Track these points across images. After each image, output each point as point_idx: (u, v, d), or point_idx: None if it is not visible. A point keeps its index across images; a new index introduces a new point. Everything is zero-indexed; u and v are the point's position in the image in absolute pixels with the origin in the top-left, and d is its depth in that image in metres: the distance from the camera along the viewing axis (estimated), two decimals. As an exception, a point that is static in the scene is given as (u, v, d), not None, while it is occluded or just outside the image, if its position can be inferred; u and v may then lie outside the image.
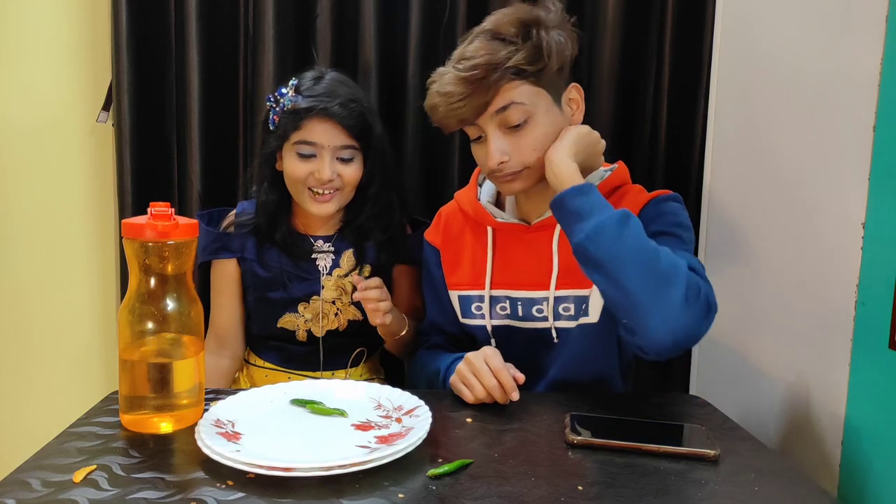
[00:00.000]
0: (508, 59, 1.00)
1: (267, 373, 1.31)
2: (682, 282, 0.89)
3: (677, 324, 0.88)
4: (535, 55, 1.01)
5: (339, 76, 1.24)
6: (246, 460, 0.73)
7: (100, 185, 1.66)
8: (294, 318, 1.27)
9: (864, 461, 0.96)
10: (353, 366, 1.31)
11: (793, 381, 1.14)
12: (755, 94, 1.29)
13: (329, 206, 1.21)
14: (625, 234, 0.91)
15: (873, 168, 0.95)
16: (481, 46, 1.02)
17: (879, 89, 0.94)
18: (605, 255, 0.91)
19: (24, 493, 0.70)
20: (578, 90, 1.10)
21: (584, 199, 0.95)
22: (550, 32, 1.03)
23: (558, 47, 1.03)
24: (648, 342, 0.90)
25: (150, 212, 0.85)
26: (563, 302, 1.11)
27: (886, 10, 0.92)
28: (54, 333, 1.69)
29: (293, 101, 1.17)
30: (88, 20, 1.60)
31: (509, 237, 1.16)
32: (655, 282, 0.89)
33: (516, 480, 0.76)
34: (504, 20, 1.04)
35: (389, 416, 0.91)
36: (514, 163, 1.05)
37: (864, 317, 0.96)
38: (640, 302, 0.89)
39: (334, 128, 1.17)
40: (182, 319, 0.88)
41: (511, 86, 1.02)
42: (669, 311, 0.88)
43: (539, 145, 1.04)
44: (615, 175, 1.13)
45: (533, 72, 1.01)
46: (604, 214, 0.93)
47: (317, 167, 1.18)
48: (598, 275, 0.93)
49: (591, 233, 0.92)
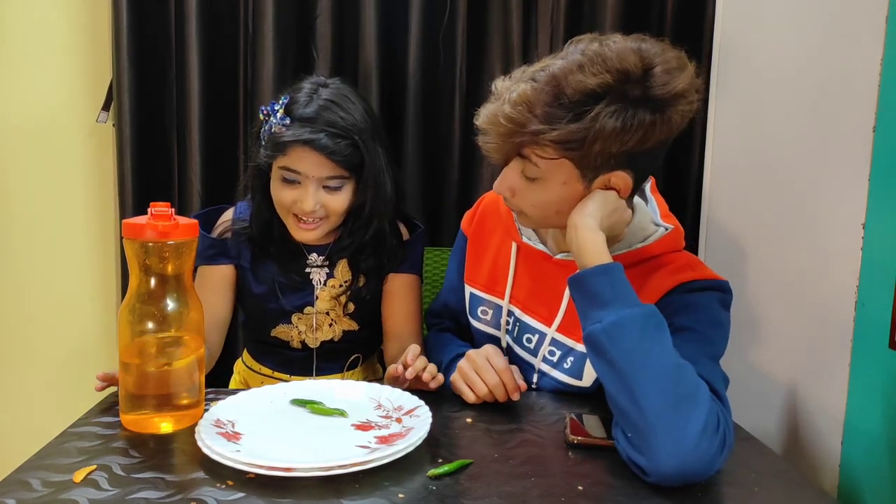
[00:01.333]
0: (542, 133, 0.85)
1: (263, 379, 1.30)
2: (704, 410, 0.77)
3: (689, 457, 0.74)
4: (576, 141, 0.85)
5: (336, 93, 1.14)
6: (246, 460, 0.73)
7: (100, 185, 1.66)
8: (287, 329, 1.25)
9: (864, 461, 0.96)
10: (348, 369, 1.31)
11: (793, 381, 1.14)
12: (755, 94, 1.29)
13: (313, 233, 1.16)
14: (648, 338, 0.79)
15: (873, 168, 0.95)
16: (531, 99, 0.86)
17: (879, 89, 0.94)
18: (621, 357, 0.79)
19: (24, 493, 0.70)
20: (625, 180, 0.90)
21: (608, 284, 0.83)
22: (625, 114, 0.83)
23: (617, 137, 0.84)
24: (652, 468, 0.76)
25: (150, 212, 0.85)
26: (558, 348, 1.03)
27: (886, 10, 0.92)
28: (54, 333, 1.69)
29: (281, 124, 1.10)
30: (88, 20, 1.60)
31: (530, 259, 1.09)
32: (673, 404, 0.76)
33: (516, 480, 0.76)
34: (584, 80, 0.84)
35: (389, 416, 0.91)
36: (515, 205, 0.97)
37: (864, 317, 0.96)
38: (650, 422, 0.76)
39: (321, 159, 1.09)
40: (182, 319, 0.88)
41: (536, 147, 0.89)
42: (683, 441, 0.74)
43: (539, 206, 0.94)
44: (666, 241, 0.98)
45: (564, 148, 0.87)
46: (628, 309, 0.81)
47: (300, 196, 1.11)
48: (609, 376, 0.81)
49: (609, 326, 0.80)
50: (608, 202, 0.90)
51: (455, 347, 1.13)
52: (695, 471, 0.75)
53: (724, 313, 0.94)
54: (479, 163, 1.62)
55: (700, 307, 0.91)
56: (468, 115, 1.58)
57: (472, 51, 1.57)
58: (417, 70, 1.55)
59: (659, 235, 0.98)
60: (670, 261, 0.96)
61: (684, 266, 0.95)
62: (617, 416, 0.81)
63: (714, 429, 0.76)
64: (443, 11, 1.55)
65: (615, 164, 0.89)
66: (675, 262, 0.96)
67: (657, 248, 0.97)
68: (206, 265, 1.24)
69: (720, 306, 0.93)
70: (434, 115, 1.59)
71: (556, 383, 1.04)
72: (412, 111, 1.57)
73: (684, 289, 0.92)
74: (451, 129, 1.58)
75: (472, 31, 1.57)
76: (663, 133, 0.87)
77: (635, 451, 0.78)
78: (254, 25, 1.53)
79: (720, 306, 0.93)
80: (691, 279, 0.93)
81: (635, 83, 0.84)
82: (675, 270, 0.95)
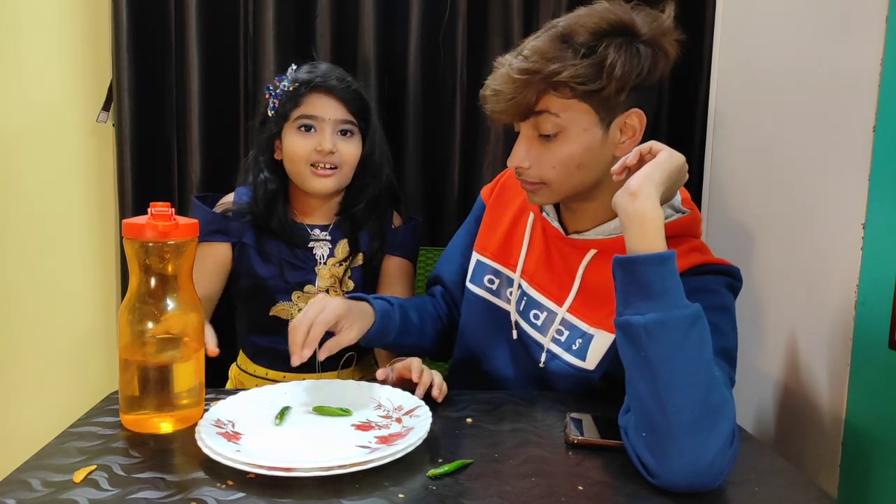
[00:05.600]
0: (558, 73, 0.89)
1: (258, 382, 1.30)
2: (727, 427, 0.74)
3: (703, 474, 0.73)
4: (591, 74, 0.89)
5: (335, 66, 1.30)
6: (246, 460, 0.73)
7: (100, 185, 1.66)
8: (287, 307, 1.28)
9: (864, 461, 0.96)
10: (343, 368, 1.31)
11: (793, 380, 1.14)
12: (755, 94, 1.29)
13: (329, 181, 1.23)
14: (689, 344, 0.75)
15: (873, 168, 0.95)
16: (541, 48, 0.91)
17: (879, 89, 0.94)
18: (658, 358, 0.75)
19: (24, 493, 0.70)
20: (640, 117, 0.94)
21: (661, 276, 0.77)
22: (630, 47, 0.90)
23: (628, 68, 0.89)
24: (662, 474, 0.74)
25: (150, 212, 0.84)
26: (568, 328, 1.01)
27: (886, 10, 0.92)
28: (54, 333, 1.69)
29: (293, 81, 1.23)
30: (88, 20, 1.60)
31: (546, 235, 1.08)
32: (699, 415, 0.73)
33: (516, 480, 0.75)
34: (582, 22, 0.92)
35: (389, 416, 0.91)
36: (533, 174, 0.97)
37: (864, 317, 0.96)
38: (673, 430, 0.73)
39: (334, 101, 1.22)
40: (182, 319, 0.88)
41: (553, 95, 0.92)
42: (702, 457, 0.72)
43: (560, 164, 0.94)
44: (681, 223, 0.97)
45: (583, 91, 0.90)
46: (676, 310, 0.75)
47: (318, 140, 1.21)
48: (639, 373, 0.77)
49: (652, 323, 0.75)
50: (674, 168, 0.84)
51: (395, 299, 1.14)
52: (704, 485, 0.73)
53: (732, 299, 0.92)
54: (480, 163, 1.62)
55: (707, 291, 0.89)
56: (469, 114, 1.58)
57: (473, 50, 1.57)
58: (418, 70, 1.55)
59: (675, 218, 0.97)
60: (683, 242, 0.95)
61: (693, 250, 0.95)
62: (636, 411, 0.78)
63: (729, 443, 0.74)
64: (443, 11, 1.55)
65: (628, 103, 0.93)
66: (688, 244, 0.95)
67: (676, 229, 0.95)
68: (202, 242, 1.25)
69: (728, 291, 0.92)
70: (434, 115, 1.59)
71: (563, 365, 1.01)
72: (412, 111, 1.57)
73: (692, 272, 0.91)
74: (452, 129, 1.58)
75: (472, 31, 1.57)
76: (664, 64, 0.93)
77: (647, 452, 0.75)
78: (254, 25, 1.53)
79: (728, 291, 0.92)
80: (701, 262, 0.92)
81: (629, 25, 0.92)
82: (689, 251, 0.94)
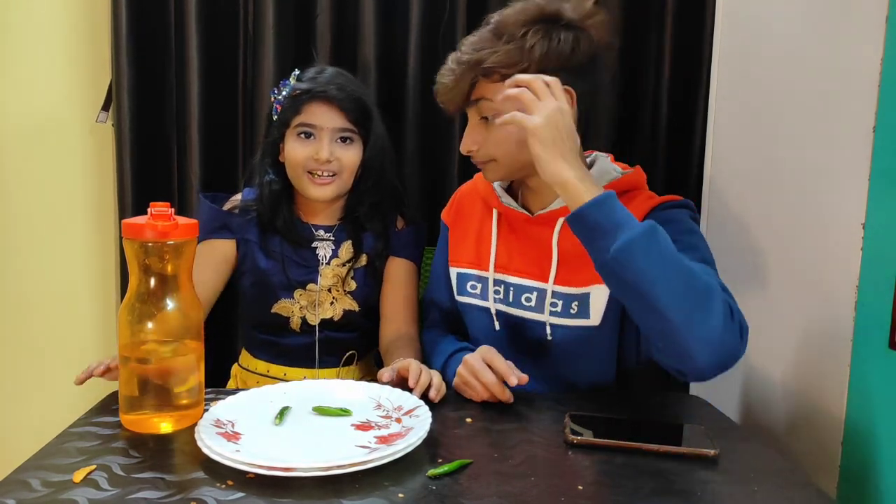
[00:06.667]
0: (485, 60, 1.00)
1: (259, 379, 1.31)
2: (719, 302, 0.85)
3: (718, 348, 0.85)
4: (512, 58, 0.99)
5: (341, 70, 1.29)
6: (246, 460, 0.73)
7: (100, 185, 1.66)
8: (289, 304, 1.28)
9: (864, 461, 0.96)
10: (344, 365, 1.31)
11: (793, 381, 1.14)
12: (755, 94, 1.29)
13: (327, 189, 1.23)
14: (655, 250, 0.84)
15: (873, 168, 0.95)
16: (476, 41, 1.04)
17: (879, 89, 0.94)
18: (636, 277, 0.84)
19: (24, 493, 0.70)
20: (570, 94, 1.00)
21: (605, 214, 0.87)
22: (550, 32, 0.99)
23: (547, 49, 0.99)
24: (691, 367, 0.87)
25: (150, 212, 0.85)
26: (560, 298, 1.08)
27: (886, 10, 0.92)
28: (54, 333, 1.69)
29: (296, 87, 1.23)
30: (88, 20, 1.60)
31: (513, 224, 1.15)
32: (693, 304, 0.84)
33: (516, 480, 0.76)
34: (513, 16, 1.02)
35: (389, 416, 0.91)
36: (482, 154, 1.07)
37: (864, 317, 0.96)
38: (678, 326, 0.84)
39: (333, 110, 1.21)
40: (182, 319, 0.88)
41: (486, 82, 1.03)
42: (710, 333, 0.84)
43: (503, 143, 1.04)
44: (627, 179, 1.08)
45: (507, 74, 0.98)
46: (630, 231, 0.85)
47: (315, 148, 1.21)
48: (629, 297, 0.88)
49: (617, 252, 0.84)
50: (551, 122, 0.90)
51: (446, 346, 1.15)
52: (725, 359, 0.86)
53: (695, 224, 1.04)
54: (479, 163, 1.62)
55: (674, 220, 1.00)
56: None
57: (472, 51, 1.57)
58: (417, 69, 1.55)
59: (623, 175, 1.09)
60: (637, 195, 1.07)
61: (648, 197, 1.07)
62: (645, 331, 0.91)
63: (730, 316, 0.85)
64: (443, 11, 1.55)
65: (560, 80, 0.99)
66: (641, 195, 1.07)
67: (625, 184, 1.07)
68: (206, 239, 1.27)
69: (691, 220, 1.04)
70: (434, 115, 1.58)
71: (567, 331, 1.08)
72: (412, 111, 1.57)
73: (660, 207, 1.03)
74: (452, 129, 1.58)
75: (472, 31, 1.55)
76: (589, 45, 1.01)
77: (670, 359, 0.88)
78: (254, 25, 1.53)
79: (691, 220, 1.04)
80: (659, 202, 1.05)
81: (551, 14, 1.01)
82: (645, 199, 1.06)
